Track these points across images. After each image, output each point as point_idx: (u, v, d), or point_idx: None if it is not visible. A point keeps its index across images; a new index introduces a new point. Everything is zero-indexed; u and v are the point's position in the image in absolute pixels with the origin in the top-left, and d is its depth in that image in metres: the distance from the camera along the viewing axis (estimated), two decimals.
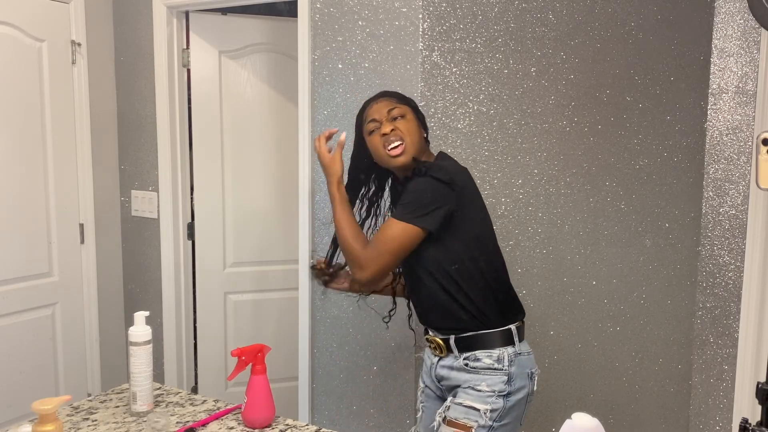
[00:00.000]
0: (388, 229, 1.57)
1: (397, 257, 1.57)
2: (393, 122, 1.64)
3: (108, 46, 3.01)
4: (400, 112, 1.66)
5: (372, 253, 1.56)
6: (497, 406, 1.59)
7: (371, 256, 1.56)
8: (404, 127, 1.63)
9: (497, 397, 1.59)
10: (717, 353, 2.63)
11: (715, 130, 2.59)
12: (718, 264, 2.61)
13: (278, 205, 3.10)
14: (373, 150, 1.68)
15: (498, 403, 1.59)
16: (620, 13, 2.41)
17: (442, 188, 1.56)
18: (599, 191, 2.46)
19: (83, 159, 2.89)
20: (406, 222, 1.55)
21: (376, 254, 1.56)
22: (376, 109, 1.67)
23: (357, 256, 1.58)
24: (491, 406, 1.59)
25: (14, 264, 2.64)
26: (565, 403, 2.48)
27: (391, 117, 1.65)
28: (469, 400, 1.60)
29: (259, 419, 1.54)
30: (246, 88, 3.03)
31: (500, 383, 1.60)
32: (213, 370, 3.11)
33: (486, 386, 1.60)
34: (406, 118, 1.66)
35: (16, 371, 2.66)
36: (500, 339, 1.63)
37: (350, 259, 1.61)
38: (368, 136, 1.68)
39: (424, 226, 1.55)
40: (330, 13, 2.37)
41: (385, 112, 1.65)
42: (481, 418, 1.58)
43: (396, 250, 1.56)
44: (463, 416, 1.59)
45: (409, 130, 1.64)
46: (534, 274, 2.40)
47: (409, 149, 1.63)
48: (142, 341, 1.60)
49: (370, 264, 1.56)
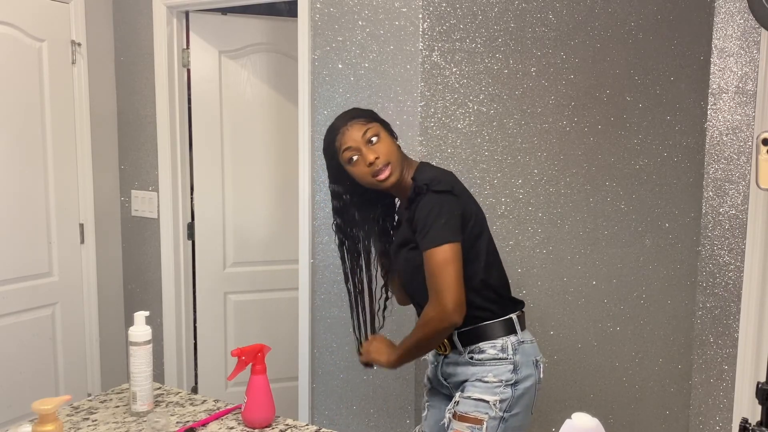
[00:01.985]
0: (430, 263, 1.54)
1: (455, 277, 1.53)
2: (371, 146, 1.60)
3: (108, 46, 3.01)
4: (374, 133, 1.62)
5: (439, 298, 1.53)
6: (506, 396, 1.60)
7: (441, 301, 1.53)
8: (384, 150, 1.61)
9: (505, 387, 1.60)
10: (717, 353, 2.63)
11: (715, 130, 2.59)
12: (718, 264, 2.61)
13: (278, 205, 3.10)
14: (359, 177, 1.64)
15: (506, 392, 1.60)
16: (620, 13, 2.41)
17: (447, 198, 1.57)
18: (599, 191, 2.46)
19: (83, 159, 2.89)
20: (442, 245, 1.53)
21: (442, 296, 1.53)
22: (349, 137, 1.62)
23: (429, 319, 1.56)
24: (500, 396, 1.60)
25: (14, 264, 2.64)
26: (565, 403, 2.48)
27: (367, 140, 1.61)
28: (478, 392, 1.61)
29: (259, 419, 1.54)
30: (246, 88, 3.03)
31: (507, 372, 1.61)
32: (213, 370, 3.11)
33: (493, 376, 1.61)
34: (381, 137, 1.62)
35: (16, 371, 2.66)
36: (502, 329, 1.65)
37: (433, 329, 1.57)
38: (348, 164, 1.64)
39: (456, 240, 1.55)
40: (330, 13, 2.37)
41: (359, 137, 1.61)
42: (491, 410, 1.59)
43: (451, 273, 1.52)
44: (473, 409, 1.60)
45: (388, 149, 1.62)
46: (534, 274, 2.40)
47: (395, 168, 1.62)
48: (142, 341, 1.60)
49: (446, 305, 1.52)
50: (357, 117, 1.65)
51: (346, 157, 1.63)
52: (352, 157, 1.62)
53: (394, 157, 1.62)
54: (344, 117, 1.67)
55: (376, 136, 1.62)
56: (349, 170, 1.65)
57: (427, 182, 1.58)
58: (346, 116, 1.67)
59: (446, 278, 1.52)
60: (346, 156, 1.63)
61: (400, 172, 1.64)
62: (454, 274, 1.52)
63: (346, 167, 1.66)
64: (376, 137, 1.61)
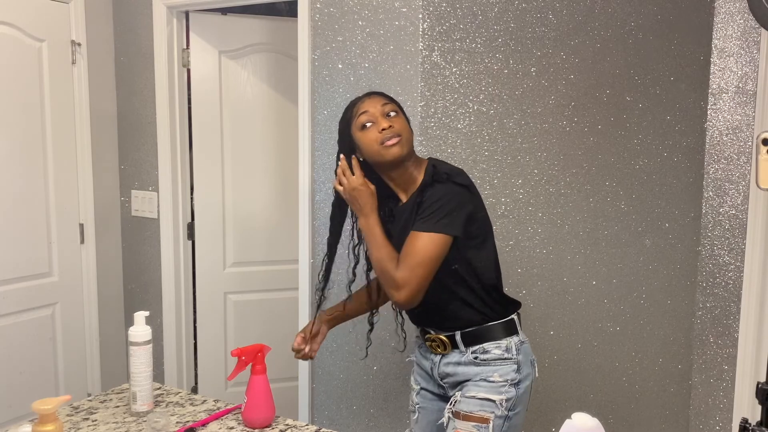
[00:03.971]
0: (415, 242, 1.53)
1: (430, 270, 1.54)
2: (388, 118, 1.60)
3: (108, 46, 3.01)
4: (393, 109, 1.63)
5: (405, 272, 1.53)
6: (510, 395, 1.62)
7: (405, 275, 1.53)
8: (399, 124, 1.61)
9: (510, 386, 1.62)
10: (717, 353, 2.63)
11: (715, 130, 2.59)
12: (718, 264, 2.61)
13: (278, 204, 3.10)
14: (366, 145, 1.61)
15: (510, 392, 1.62)
16: (620, 13, 2.41)
17: (463, 192, 1.58)
18: (599, 191, 2.46)
19: (83, 159, 2.89)
20: (433, 232, 1.53)
21: (408, 271, 1.53)
22: (368, 103, 1.63)
23: (392, 277, 1.54)
24: (505, 396, 1.61)
25: (14, 264, 2.64)
26: (565, 403, 2.48)
27: (385, 112, 1.61)
28: (483, 392, 1.62)
29: (259, 419, 1.54)
30: (246, 88, 3.03)
31: (511, 372, 1.63)
32: (213, 370, 3.11)
33: (498, 376, 1.62)
34: (399, 115, 1.64)
35: (16, 371, 2.66)
36: (505, 329, 1.66)
37: (385, 279, 1.57)
38: (360, 131, 1.62)
39: (450, 233, 1.54)
40: (330, 13, 2.37)
41: (379, 106, 1.62)
42: (497, 409, 1.60)
43: (428, 262, 1.52)
44: (479, 409, 1.61)
45: (403, 125, 1.62)
46: (534, 274, 2.40)
47: (404, 144, 1.60)
48: (142, 341, 1.60)
49: (407, 282, 1.53)
50: (379, 94, 1.67)
51: (361, 122, 1.61)
52: (366, 123, 1.60)
53: (406, 134, 1.61)
54: (366, 93, 1.69)
55: (395, 112, 1.63)
56: (359, 138, 1.62)
57: (448, 172, 1.59)
58: (367, 93, 1.69)
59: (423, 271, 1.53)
60: (361, 120, 1.61)
61: (408, 151, 1.62)
62: (430, 271, 1.54)
63: (356, 134, 1.63)
64: (394, 113, 1.63)
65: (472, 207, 1.60)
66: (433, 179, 1.58)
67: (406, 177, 1.65)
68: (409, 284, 1.53)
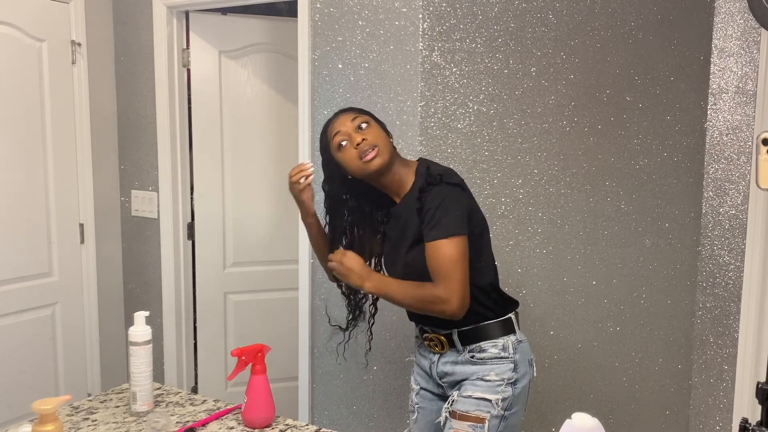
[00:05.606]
0: (438, 252, 1.53)
1: (463, 270, 1.53)
2: (360, 131, 1.62)
3: (108, 46, 3.01)
4: (363, 120, 1.64)
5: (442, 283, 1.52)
6: (507, 394, 1.62)
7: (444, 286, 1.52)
8: (372, 134, 1.62)
9: (506, 386, 1.62)
10: (717, 353, 2.63)
11: (715, 130, 2.59)
12: (718, 264, 2.61)
13: (278, 204, 3.10)
14: (347, 163, 1.63)
15: (507, 391, 1.62)
16: (620, 13, 2.41)
17: (458, 192, 1.59)
18: (599, 191, 2.46)
19: (83, 159, 2.89)
20: (452, 236, 1.53)
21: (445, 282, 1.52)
22: (339, 122, 1.65)
23: (434, 296, 1.54)
24: (501, 395, 1.61)
25: (14, 264, 2.64)
26: (565, 403, 2.48)
27: (356, 126, 1.63)
28: (479, 391, 1.62)
29: (259, 419, 1.54)
30: (246, 88, 3.03)
31: (508, 371, 1.63)
32: (213, 370, 3.11)
33: (495, 375, 1.62)
34: (371, 124, 1.65)
35: (16, 371, 2.66)
36: (502, 328, 1.66)
37: (431, 305, 1.56)
38: (338, 152, 1.64)
39: (464, 233, 1.55)
40: (330, 13, 2.37)
41: (348, 122, 1.64)
42: (493, 409, 1.60)
43: (458, 264, 1.52)
44: (475, 408, 1.61)
45: (377, 135, 1.63)
46: (534, 274, 2.40)
47: (382, 152, 1.61)
48: (142, 341, 1.60)
49: (451, 292, 1.52)
50: (348, 111, 1.70)
51: (336, 142, 1.64)
52: (342, 142, 1.63)
53: (381, 142, 1.62)
54: (336, 113, 1.71)
55: (366, 123, 1.64)
56: (339, 159, 1.65)
57: (442, 173, 1.60)
58: (337, 112, 1.72)
59: (458, 274, 1.52)
60: (336, 141, 1.64)
61: (388, 159, 1.62)
62: (464, 270, 1.53)
63: (336, 156, 1.66)
64: (365, 124, 1.64)
65: (467, 204, 1.61)
66: (427, 182, 1.59)
67: (396, 180, 1.67)
68: (453, 291, 1.52)
